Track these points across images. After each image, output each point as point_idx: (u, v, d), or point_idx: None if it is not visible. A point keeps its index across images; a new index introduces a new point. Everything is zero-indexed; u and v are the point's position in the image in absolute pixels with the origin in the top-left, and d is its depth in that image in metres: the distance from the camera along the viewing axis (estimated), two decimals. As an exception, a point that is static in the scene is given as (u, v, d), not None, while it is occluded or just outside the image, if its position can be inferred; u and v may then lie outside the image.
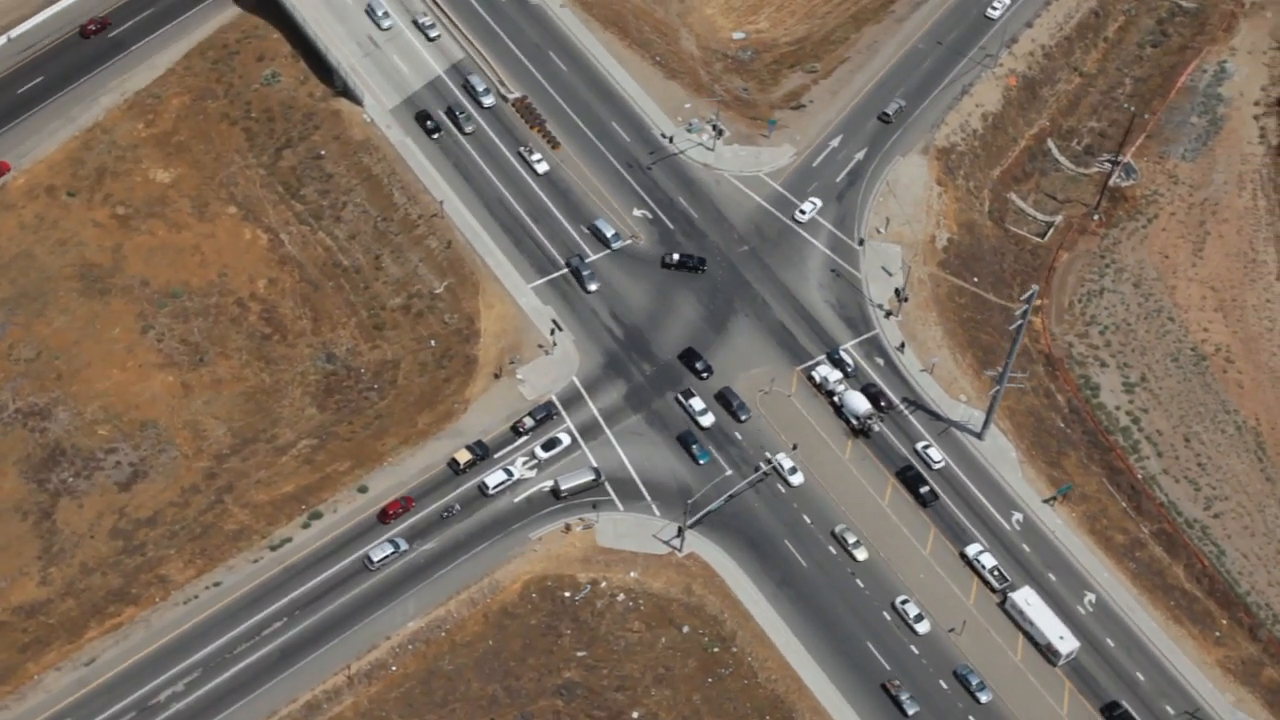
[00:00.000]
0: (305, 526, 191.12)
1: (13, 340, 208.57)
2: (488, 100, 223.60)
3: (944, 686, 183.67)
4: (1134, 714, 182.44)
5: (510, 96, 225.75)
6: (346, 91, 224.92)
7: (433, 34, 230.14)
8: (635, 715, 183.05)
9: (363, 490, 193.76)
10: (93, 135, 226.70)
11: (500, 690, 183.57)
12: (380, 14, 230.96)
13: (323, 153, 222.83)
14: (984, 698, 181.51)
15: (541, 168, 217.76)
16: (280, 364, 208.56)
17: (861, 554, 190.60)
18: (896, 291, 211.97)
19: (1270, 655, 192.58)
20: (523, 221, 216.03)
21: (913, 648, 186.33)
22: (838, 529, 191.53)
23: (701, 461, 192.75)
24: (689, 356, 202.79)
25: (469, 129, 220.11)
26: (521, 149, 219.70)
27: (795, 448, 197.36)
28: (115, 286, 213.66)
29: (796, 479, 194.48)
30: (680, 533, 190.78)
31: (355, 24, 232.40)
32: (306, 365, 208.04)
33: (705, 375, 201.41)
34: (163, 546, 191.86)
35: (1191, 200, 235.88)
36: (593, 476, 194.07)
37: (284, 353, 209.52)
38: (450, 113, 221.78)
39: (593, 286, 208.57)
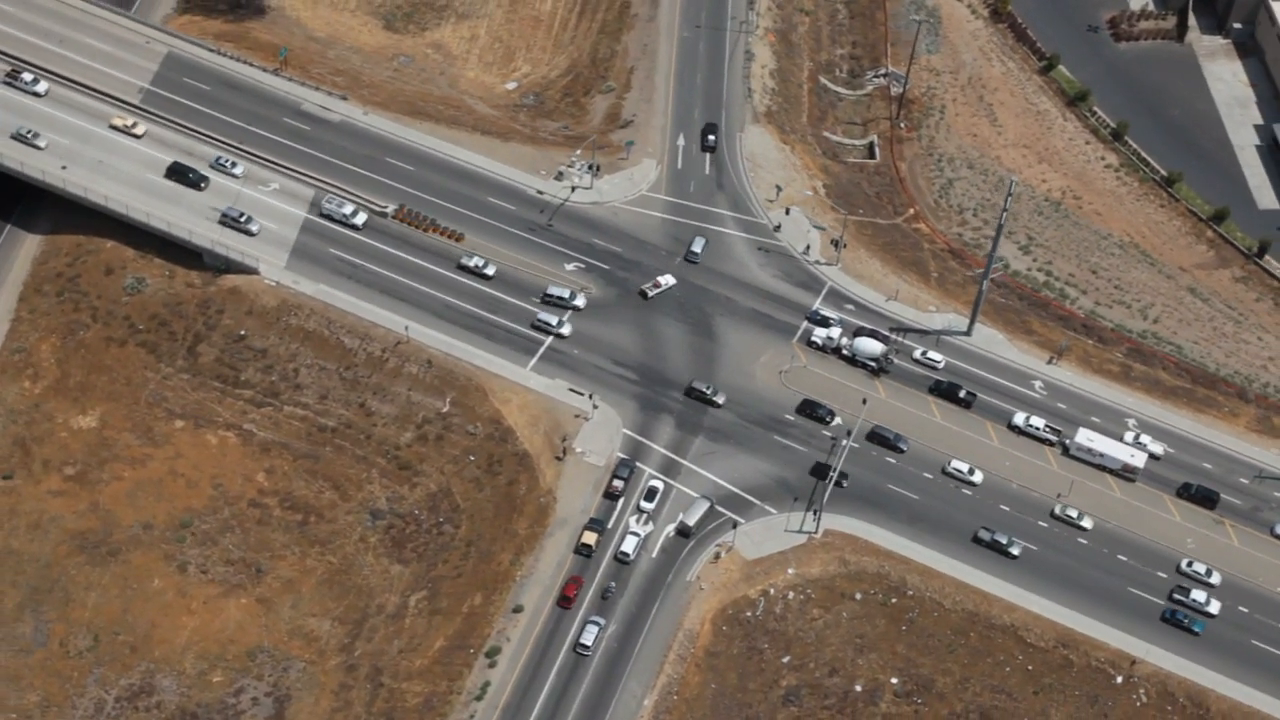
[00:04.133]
0: (492, 665, 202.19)
1: (60, 638, 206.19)
2: (359, 219, 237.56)
3: (1084, 543, 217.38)
4: (1215, 490, 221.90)
5: (388, 210, 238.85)
6: (230, 267, 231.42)
7: (272, 186, 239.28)
8: (858, 688, 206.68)
9: (518, 610, 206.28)
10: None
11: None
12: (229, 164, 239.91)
13: (243, 332, 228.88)
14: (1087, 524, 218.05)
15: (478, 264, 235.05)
16: (334, 541, 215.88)
17: (961, 466, 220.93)
18: (834, 242, 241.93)
19: (1266, 408, 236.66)
20: (480, 315, 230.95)
21: (1041, 523, 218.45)
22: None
23: (1198, 631, 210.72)
24: (808, 408, 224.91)
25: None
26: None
27: (865, 402, 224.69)
28: (121, 542, 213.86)
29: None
30: (816, 514, 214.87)
31: (188, 201, 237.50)
32: (360, 530, 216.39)
33: (829, 419, 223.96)
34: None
35: (960, 83, 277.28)
36: (709, 504, 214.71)
37: (329, 529, 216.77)
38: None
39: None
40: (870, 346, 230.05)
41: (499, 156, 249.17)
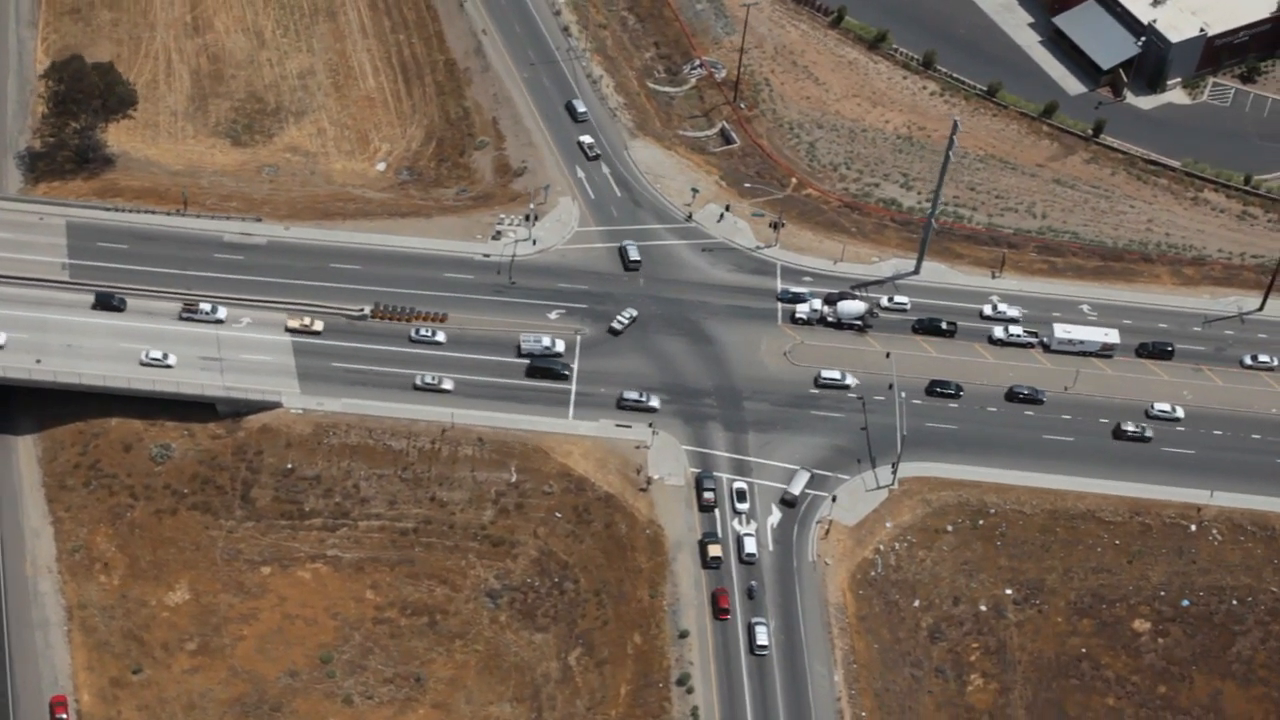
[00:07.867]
0: (689, 691, 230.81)
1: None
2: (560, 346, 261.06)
3: (1106, 422, 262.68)
4: (1169, 342, 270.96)
5: (365, 311, 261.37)
6: (251, 409, 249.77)
7: (245, 321, 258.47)
8: (983, 608, 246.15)
9: (683, 635, 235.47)
10: (78, 620, 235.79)
11: (908, 669, 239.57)
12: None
13: (290, 465, 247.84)
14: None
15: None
16: (469, 631, 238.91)
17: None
18: (773, 225, 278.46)
19: (1172, 263, 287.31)
20: (496, 384, 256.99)
21: (1065, 416, 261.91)
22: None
23: None
24: (937, 387, 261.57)
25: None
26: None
27: (889, 355, 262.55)
28: (278, 696, 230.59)
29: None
30: (893, 470, 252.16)
31: (176, 349, 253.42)
32: (487, 613, 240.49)
33: (959, 392, 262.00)
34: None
35: (768, 55, 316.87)
36: (809, 474, 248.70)
37: (459, 622, 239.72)
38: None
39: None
40: (854, 307, 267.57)
41: (431, 233, 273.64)
